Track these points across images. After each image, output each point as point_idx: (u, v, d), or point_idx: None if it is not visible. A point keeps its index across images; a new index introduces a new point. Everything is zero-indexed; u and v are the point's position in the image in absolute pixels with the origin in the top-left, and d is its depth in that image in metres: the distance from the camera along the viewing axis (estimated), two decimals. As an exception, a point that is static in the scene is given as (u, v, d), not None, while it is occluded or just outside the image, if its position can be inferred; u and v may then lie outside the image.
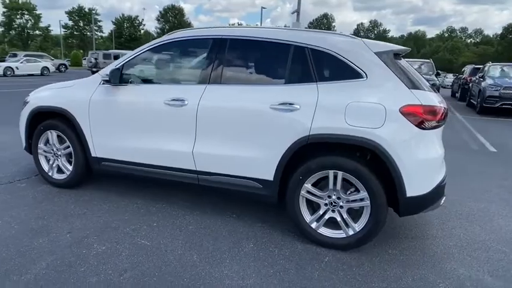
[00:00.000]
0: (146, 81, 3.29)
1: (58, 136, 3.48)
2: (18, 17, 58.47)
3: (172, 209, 3.19)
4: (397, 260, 2.48)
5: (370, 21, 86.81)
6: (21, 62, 24.30)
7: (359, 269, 2.35)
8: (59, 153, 3.52)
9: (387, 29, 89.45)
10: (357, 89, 2.47)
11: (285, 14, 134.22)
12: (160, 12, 74.30)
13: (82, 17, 65.89)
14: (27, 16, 59.37)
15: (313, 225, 2.62)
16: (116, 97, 3.16)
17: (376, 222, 2.45)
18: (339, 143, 2.46)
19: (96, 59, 25.96)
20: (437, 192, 2.49)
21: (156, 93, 3.02)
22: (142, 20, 71.86)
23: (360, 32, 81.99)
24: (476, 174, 4.58)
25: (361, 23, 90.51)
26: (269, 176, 2.67)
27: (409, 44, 61.10)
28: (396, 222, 3.00)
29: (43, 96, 3.59)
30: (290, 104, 2.55)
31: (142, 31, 71.93)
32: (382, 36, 79.66)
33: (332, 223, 2.60)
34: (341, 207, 2.55)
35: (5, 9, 56.04)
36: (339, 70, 2.56)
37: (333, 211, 2.58)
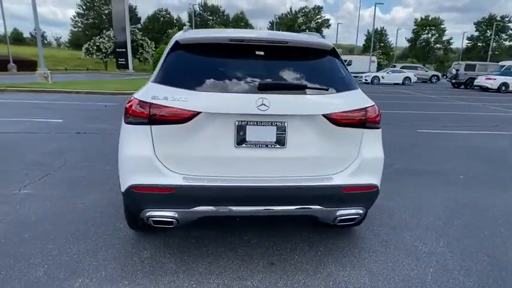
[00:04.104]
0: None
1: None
2: (425, 32, 64.29)
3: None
4: None
5: None
6: (387, 72, 27.73)
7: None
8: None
9: None
10: None
11: None
12: None
13: (490, 26, 61.37)
14: (433, 31, 63.77)
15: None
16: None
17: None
18: None
19: (457, 70, 24.54)
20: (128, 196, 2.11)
21: None
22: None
23: None
24: None
25: None
26: None
27: None
28: None
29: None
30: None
31: None
32: None
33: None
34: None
35: (414, 27, 63.53)
36: None
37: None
